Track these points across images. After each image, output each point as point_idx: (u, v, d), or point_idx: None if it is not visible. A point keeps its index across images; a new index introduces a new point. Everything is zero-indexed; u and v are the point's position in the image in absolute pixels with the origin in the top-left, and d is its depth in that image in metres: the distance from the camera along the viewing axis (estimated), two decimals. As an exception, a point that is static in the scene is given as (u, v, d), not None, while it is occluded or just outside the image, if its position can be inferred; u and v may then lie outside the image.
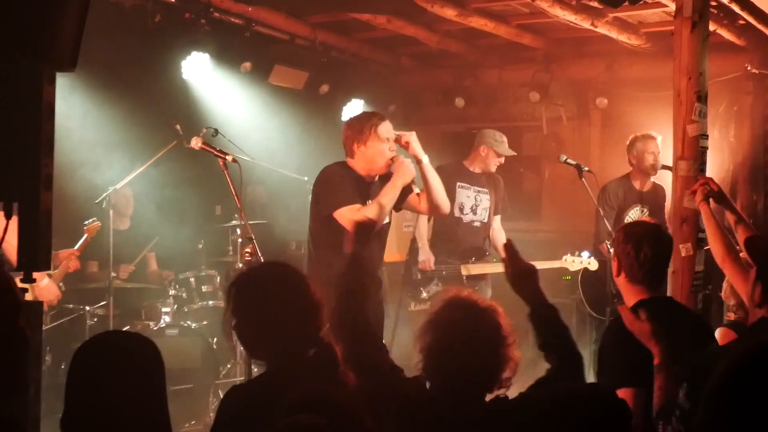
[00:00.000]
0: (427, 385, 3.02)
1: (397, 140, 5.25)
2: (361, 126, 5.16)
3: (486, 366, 2.92)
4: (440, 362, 2.95)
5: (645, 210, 7.32)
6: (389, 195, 5.08)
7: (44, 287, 5.83)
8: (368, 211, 4.92)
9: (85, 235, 6.38)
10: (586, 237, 8.17)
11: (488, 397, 2.99)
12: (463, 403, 2.90)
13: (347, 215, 4.91)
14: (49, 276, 6.00)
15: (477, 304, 3.00)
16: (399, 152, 5.31)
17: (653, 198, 7.39)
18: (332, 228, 5.00)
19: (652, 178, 7.33)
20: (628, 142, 7.28)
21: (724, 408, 1.65)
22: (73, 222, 6.47)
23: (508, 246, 3.32)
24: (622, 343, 3.32)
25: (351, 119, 5.39)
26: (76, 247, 6.35)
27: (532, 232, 9.13)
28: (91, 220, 6.47)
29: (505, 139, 7.26)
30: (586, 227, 8.22)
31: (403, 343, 5.30)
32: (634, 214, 7.29)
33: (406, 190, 5.24)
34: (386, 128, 5.17)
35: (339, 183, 5.10)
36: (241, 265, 6.44)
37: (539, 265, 3.54)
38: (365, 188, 5.23)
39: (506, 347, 2.95)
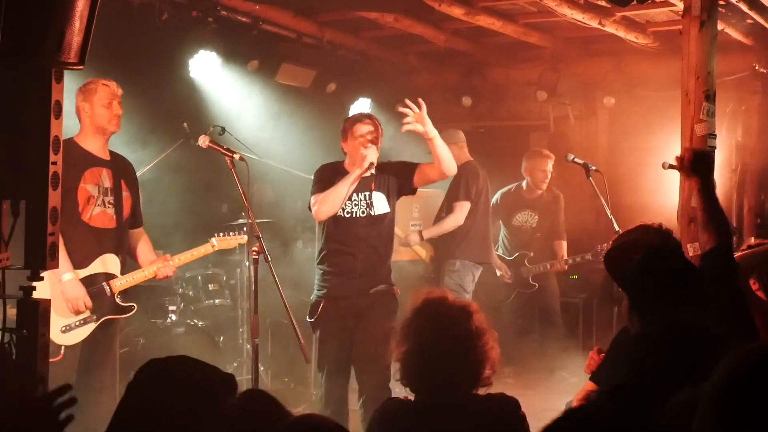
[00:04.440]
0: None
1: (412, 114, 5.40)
2: (344, 128, 5.53)
3: (462, 370, 2.94)
4: (416, 372, 2.97)
5: (534, 215, 8.23)
6: (343, 182, 5.30)
7: (67, 283, 4.86)
8: (322, 197, 5.32)
9: (212, 241, 5.67)
10: (592, 235, 8.17)
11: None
12: (446, 404, 2.92)
13: (311, 202, 5.41)
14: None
15: (447, 307, 3.01)
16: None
17: (543, 203, 8.27)
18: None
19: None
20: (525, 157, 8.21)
21: (725, 414, 1.64)
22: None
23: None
24: (624, 349, 3.33)
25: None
26: (177, 254, 5.55)
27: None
28: (233, 233, 5.80)
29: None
30: (593, 226, 8.21)
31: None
32: (521, 218, 8.28)
33: (385, 173, 5.48)
34: (364, 127, 5.44)
35: (318, 176, 5.51)
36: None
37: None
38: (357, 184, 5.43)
39: (480, 348, 2.95)
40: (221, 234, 5.77)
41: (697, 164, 3.58)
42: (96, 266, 5.09)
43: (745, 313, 3.19)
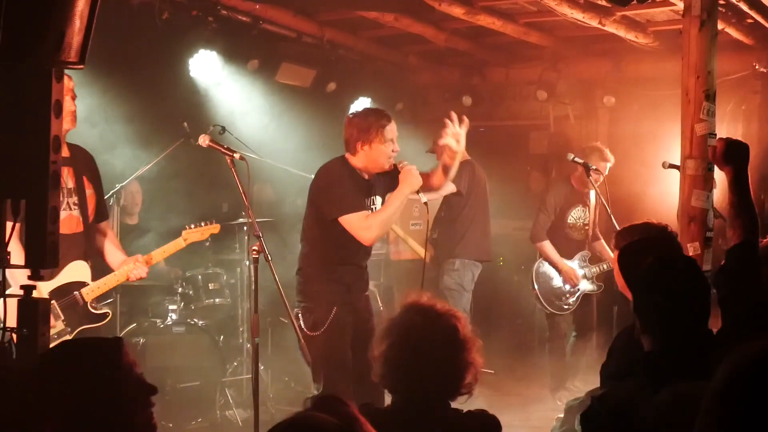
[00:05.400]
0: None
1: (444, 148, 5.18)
2: (368, 126, 5.09)
3: (445, 371, 2.87)
4: (397, 368, 2.89)
5: (586, 211, 7.67)
6: (396, 204, 5.06)
7: None
8: (374, 221, 5.01)
9: (180, 239, 5.47)
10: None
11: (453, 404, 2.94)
12: (424, 411, 2.85)
13: (355, 223, 4.99)
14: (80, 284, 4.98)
15: (434, 309, 2.94)
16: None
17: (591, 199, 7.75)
18: (335, 230, 5.05)
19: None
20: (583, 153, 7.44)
21: (728, 413, 1.63)
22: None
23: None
24: (627, 351, 3.32)
25: (357, 116, 5.25)
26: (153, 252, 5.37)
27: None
28: (204, 223, 5.57)
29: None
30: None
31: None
32: (575, 214, 7.65)
33: (389, 177, 5.18)
34: (392, 129, 5.13)
35: (344, 185, 5.08)
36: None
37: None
38: (365, 186, 5.20)
39: (466, 352, 2.89)
40: (192, 226, 5.55)
41: (730, 154, 3.42)
42: (65, 276, 4.85)
43: (766, 312, 3.10)
